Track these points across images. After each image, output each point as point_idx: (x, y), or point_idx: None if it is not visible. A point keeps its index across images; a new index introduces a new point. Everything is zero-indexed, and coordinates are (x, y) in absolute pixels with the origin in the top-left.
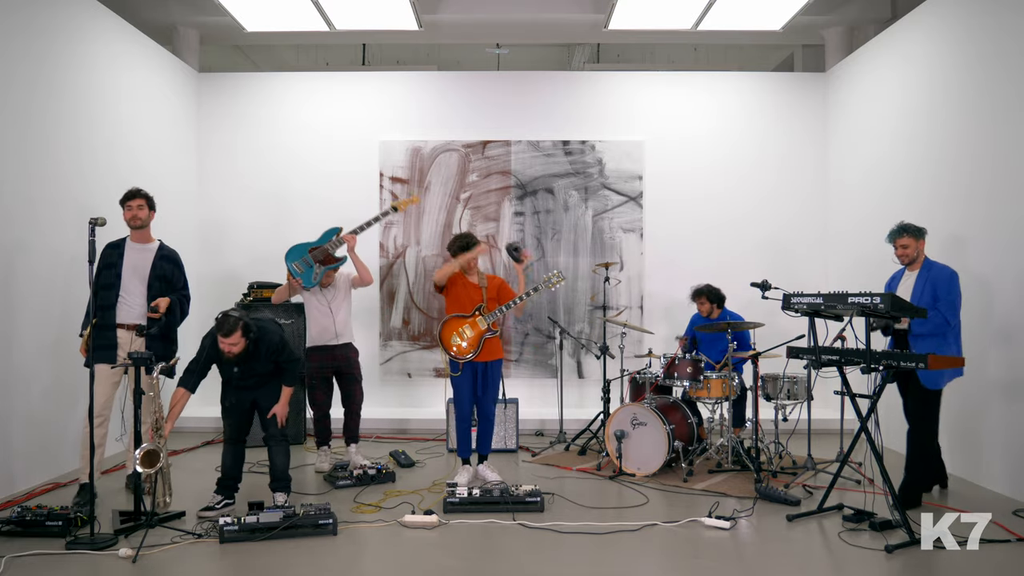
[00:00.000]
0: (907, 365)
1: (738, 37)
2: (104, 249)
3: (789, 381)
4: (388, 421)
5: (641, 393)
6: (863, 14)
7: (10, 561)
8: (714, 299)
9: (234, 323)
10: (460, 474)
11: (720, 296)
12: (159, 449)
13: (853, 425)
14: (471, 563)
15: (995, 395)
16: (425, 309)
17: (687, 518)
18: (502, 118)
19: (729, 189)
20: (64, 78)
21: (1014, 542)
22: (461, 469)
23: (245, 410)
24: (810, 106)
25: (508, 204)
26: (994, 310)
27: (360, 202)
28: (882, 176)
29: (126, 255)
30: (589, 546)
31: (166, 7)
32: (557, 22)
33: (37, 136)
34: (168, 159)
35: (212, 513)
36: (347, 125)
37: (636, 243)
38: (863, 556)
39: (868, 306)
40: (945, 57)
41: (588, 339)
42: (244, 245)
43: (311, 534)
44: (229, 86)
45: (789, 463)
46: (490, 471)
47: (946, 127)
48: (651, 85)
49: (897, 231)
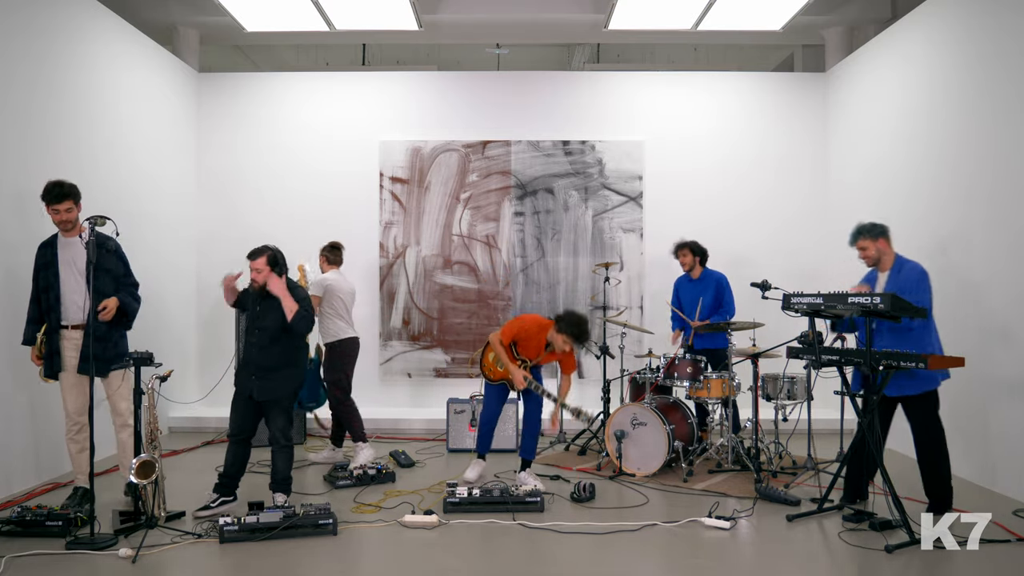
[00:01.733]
0: (907, 365)
1: (738, 37)
2: (38, 249)
3: (789, 381)
4: (388, 421)
5: (641, 393)
6: (863, 14)
7: (10, 561)
8: (697, 252)
9: (262, 249)
10: (472, 468)
11: (703, 251)
12: (155, 460)
13: (853, 425)
14: (471, 563)
15: (994, 395)
16: (425, 309)
17: (687, 518)
18: (502, 118)
19: (729, 189)
20: (64, 78)
21: (1014, 542)
22: (474, 463)
23: (246, 403)
24: (810, 106)
25: (508, 204)
26: (993, 310)
27: (360, 202)
28: (882, 176)
29: (59, 252)
30: (589, 546)
31: (166, 7)
32: (557, 22)
33: (37, 136)
34: (168, 159)
35: (207, 512)
36: (347, 125)
37: (636, 243)
38: (863, 556)
39: (868, 306)
40: (945, 57)
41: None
42: (244, 245)
43: (311, 534)
44: (229, 86)
45: (789, 463)
46: (530, 477)
47: (946, 127)
48: (651, 85)
49: (853, 235)
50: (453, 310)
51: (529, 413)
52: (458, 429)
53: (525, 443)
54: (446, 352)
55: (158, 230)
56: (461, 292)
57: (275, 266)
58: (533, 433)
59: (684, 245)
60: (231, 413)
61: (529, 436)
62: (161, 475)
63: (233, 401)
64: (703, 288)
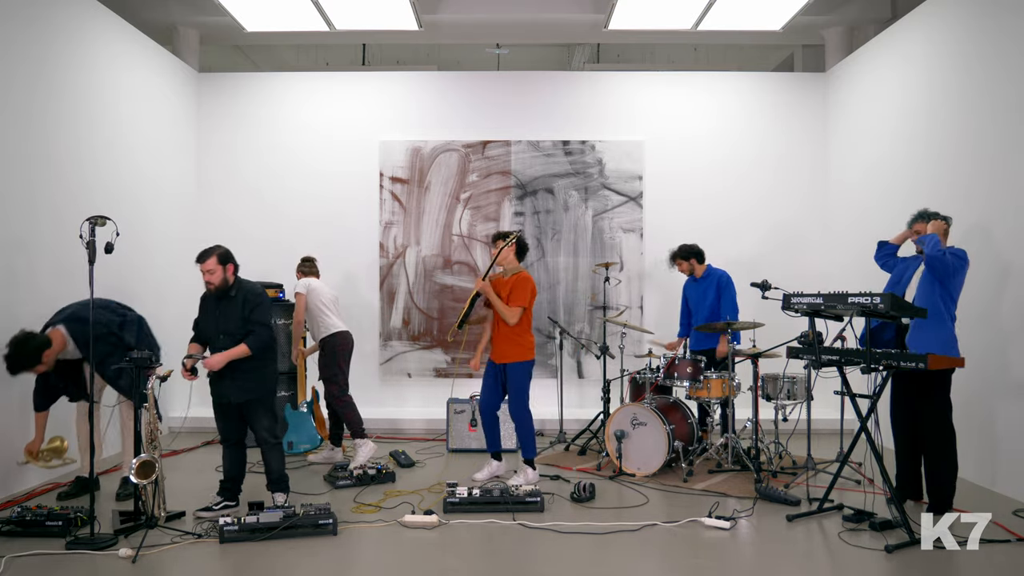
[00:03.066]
0: (907, 365)
1: (738, 37)
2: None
3: (789, 381)
4: (388, 421)
5: (641, 393)
6: (863, 14)
7: (10, 561)
8: (689, 255)
9: (209, 250)
10: (483, 469)
11: (695, 251)
12: (155, 461)
13: (853, 425)
14: (471, 563)
15: (994, 395)
16: (425, 309)
17: (687, 518)
18: (502, 118)
19: (729, 189)
20: (64, 78)
21: (1014, 542)
22: (488, 463)
23: (225, 408)
24: (810, 106)
25: (508, 204)
26: (990, 309)
27: (360, 202)
28: (882, 176)
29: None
30: (589, 546)
31: (166, 7)
32: (557, 22)
33: (37, 136)
34: (168, 159)
35: (209, 514)
36: (347, 125)
37: (636, 243)
38: (863, 556)
39: (868, 306)
40: (945, 57)
41: (588, 339)
42: (244, 245)
43: (311, 534)
44: (229, 86)
45: (789, 463)
46: (519, 474)
47: (946, 127)
48: (651, 85)
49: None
50: (453, 310)
51: (510, 409)
52: (458, 429)
53: (519, 442)
54: (446, 352)
55: (158, 230)
56: (461, 292)
57: (225, 262)
58: (519, 433)
59: (675, 256)
60: (216, 420)
61: (519, 434)
62: (161, 475)
63: (213, 407)
64: (707, 287)
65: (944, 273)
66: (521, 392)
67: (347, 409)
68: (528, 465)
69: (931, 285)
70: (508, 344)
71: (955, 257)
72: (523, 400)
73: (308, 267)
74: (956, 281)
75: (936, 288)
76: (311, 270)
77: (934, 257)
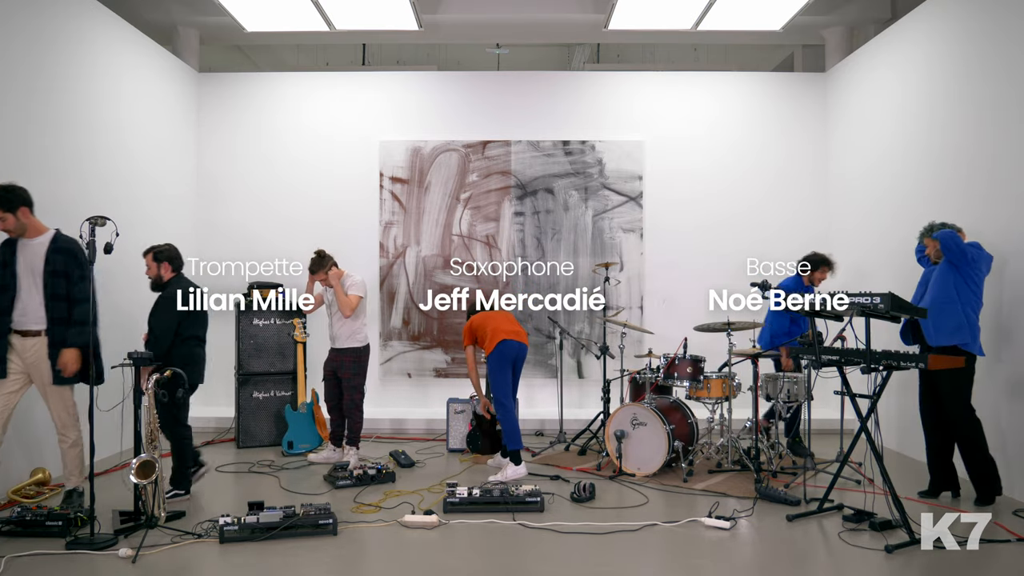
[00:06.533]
0: (907, 365)
1: (738, 37)
2: None
3: (789, 381)
4: (388, 421)
5: (641, 393)
6: (863, 14)
7: (10, 561)
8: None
9: (148, 248)
10: (504, 469)
11: (824, 260)
12: (155, 460)
13: (853, 425)
14: (471, 563)
15: (994, 395)
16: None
17: (687, 518)
18: (502, 118)
19: (729, 189)
20: (64, 78)
21: (1014, 542)
22: (508, 466)
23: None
24: (810, 106)
25: (508, 204)
26: (990, 309)
27: (360, 202)
28: (882, 176)
29: (19, 252)
30: (589, 546)
31: (166, 7)
32: (557, 22)
33: (37, 136)
34: (168, 159)
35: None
36: (347, 125)
37: (636, 243)
38: (863, 556)
39: (868, 306)
40: (945, 57)
41: (588, 339)
42: (244, 245)
43: (311, 534)
44: (229, 86)
45: (789, 463)
46: (499, 471)
47: (946, 127)
48: (651, 85)
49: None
50: (453, 310)
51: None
52: (458, 429)
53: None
54: (446, 352)
55: (157, 230)
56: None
57: (160, 260)
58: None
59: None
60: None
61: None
62: (161, 475)
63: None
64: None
65: (959, 255)
66: (497, 380)
67: (360, 419)
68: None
69: (946, 274)
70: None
71: (972, 247)
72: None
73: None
74: (974, 270)
75: (951, 276)
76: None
77: (946, 235)
